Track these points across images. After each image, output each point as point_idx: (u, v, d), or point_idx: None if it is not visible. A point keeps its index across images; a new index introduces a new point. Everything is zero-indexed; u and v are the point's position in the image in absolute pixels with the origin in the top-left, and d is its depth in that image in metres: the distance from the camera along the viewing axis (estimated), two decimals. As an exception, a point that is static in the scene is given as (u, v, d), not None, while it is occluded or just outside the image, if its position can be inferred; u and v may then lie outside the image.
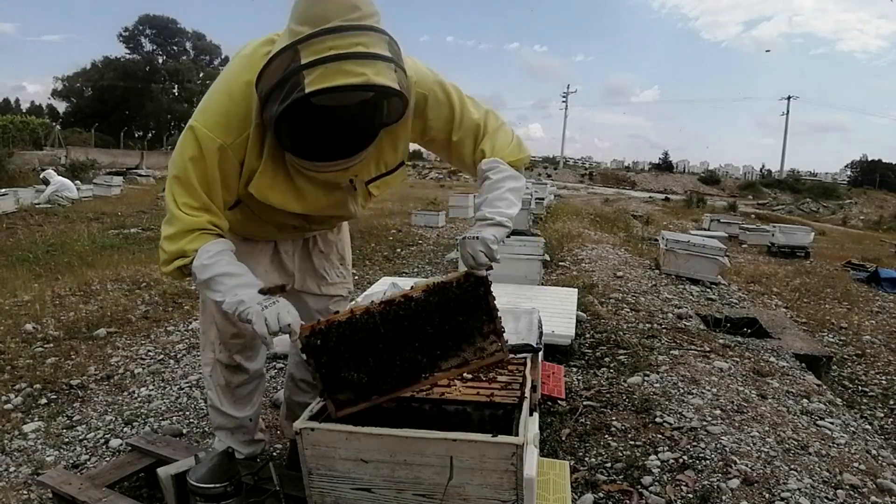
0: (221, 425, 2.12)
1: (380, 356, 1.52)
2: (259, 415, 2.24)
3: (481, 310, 1.55)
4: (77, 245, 7.86)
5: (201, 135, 1.53)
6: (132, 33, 53.83)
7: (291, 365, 2.27)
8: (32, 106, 54.48)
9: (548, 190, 16.31)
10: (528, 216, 6.02)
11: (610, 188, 37.01)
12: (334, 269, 2.14)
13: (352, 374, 1.51)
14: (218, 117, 1.53)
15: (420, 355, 1.54)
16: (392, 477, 1.45)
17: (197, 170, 1.55)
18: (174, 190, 1.58)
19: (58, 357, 3.57)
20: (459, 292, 1.53)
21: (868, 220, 28.14)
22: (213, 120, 1.53)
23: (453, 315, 1.54)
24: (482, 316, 1.55)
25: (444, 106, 1.70)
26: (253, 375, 2.10)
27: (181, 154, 1.56)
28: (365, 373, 1.52)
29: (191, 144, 1.54)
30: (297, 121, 1.41)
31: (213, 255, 1.53)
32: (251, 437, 2.17)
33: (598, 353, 3.75)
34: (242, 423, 2.11)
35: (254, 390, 2.13)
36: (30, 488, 2.24)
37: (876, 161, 55.93)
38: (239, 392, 2.08)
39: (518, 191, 1.67)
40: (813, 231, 12.71)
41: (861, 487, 2.29)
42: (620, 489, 2.23)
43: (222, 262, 1.52)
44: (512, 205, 1.63)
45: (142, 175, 22.50)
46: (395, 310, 1.52)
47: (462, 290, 1.54)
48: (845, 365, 4.89)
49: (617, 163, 66.52)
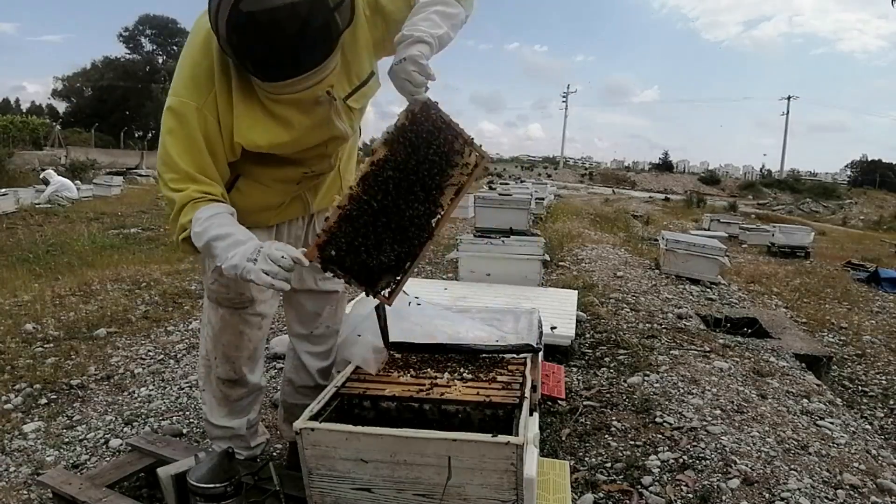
0: (217, 436, 2.09)
1: (389, 227, 1.55)
2: (258, 419, 2.22)
3: (442, 129, 1.56)
4: (77, 245, 7.87)
5: (176, 105, 1.53)
6: (132, 33, 53.82)
7: (289, 370, 2.23)
8: (32, 106, 54.49)
9: (548, 190, 16.30)
10: (528, 216, 6.02)
11: (610, 188, 37.02)
12: None
13: (380, 259, 1.54)
14: (186, 81, 1.54)
15: (421, 204, 1.57)
16: (392, 477, 1.45)
17: (176, 142, 1.54)
18: (161, 171, 1.59)
19: (58, 357, 3.57)
20: (416, 127, 1.53)
21: (868, 220, 28.16)
22: (181, 85, 1.54)
23: (425, 151, 1.55)
24: (447, 135, 1.57)
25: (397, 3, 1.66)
26: (251, 389, 2.07)
27: (162, 135, 1.57)
28: (389, 249, 1.55)
29: (168, 120, 1.55)
30: (247, 35, 1.39)
31: (204, 221, 1.50)
32: (248, 444, 2.14)
33: (598, 353, 3.75)
34: (239, 431, 2.08)
35: (253, 401, 2.11)
36: (30, 488, 2.24)
37: (876, 161, 55.97)
38: (237, 405, 2.05)
39: (447, 16, 1.58)
40: (813, 231, 12.72)
41: (861, 487, 2.29)
42: (620, 489, 2.23)
43: (213, 225, 1.49)
44: (435, 25, 1.54)
45: (142, 175, 22.51)
46: (374, 180, 1.52)
47: (417, 123, 1.53)
48: (845, 365, 4.89)
49: (617, 163, 66.56)
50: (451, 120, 1.57)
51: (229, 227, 1.51)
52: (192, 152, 1.55)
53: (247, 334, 1.95)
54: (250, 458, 2.14)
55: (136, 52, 54.06)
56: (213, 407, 2.04)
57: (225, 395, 2.01)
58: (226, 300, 1.88)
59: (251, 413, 2.12)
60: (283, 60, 1.45)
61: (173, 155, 1.54)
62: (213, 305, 1.92)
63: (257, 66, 1.46)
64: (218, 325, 1.93)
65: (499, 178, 22.07)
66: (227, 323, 1.91)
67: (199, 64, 1.53)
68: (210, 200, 1.55)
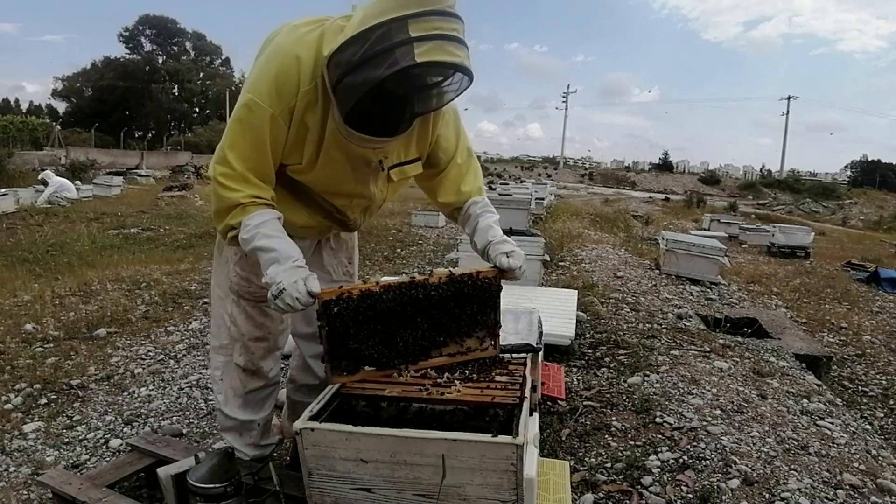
0: (228, 427, 2.10)
1: (387, 332, 1.62)
2: (271, 419, 2.22)
3: (490, 306, 1.70)
4: (77, 245, 7.86)
5: (252, 105, 1.60)
6: (132, 33, 53.91)
7: (294, 368, 2.27)
8: (32, 106, 54.51)
9: (548, 190, 16.32)
10: (528, 216, 6.04)
11: (610, 188, 37.01)
12: (342, 266, 2.16)
13: (358, 345, 1.60)
14: (269, 87, 1.59)
15: (424, 338, 1.66)
16: (392, 477, 1.45)
17: (240, 140, 1.62)
18: (216, 161, 1.66)
19: (58, 357, 3.57)
20: (478, 285, 1.68)
21: (868, 220, 28.16)
22: (265, 90, 1.59)
23: (465, 306, 1.67)
24: (490, 312, 1.71)
25: (451, 128, 1.87)
26: (270, 382, 2.10)
27: (230, 122, 1.64)
28: (370, 345, 1.61)
29: (241, 111, 1.62)
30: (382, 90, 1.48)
31: (252, 229, 1.61)
32: (257, 441, 2.15)
33: (598, 353, 3.75)
34: (250, 426, 2.09)
35: (267, 396, 2.13)
36: (30, 488, 2.24)
37: (876, 161, 56.00)
38: (251, 397, 2.07)
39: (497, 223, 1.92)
40: (813, 231, 12.72)
41: (861, 487, 2.29)
42: (620, 489, 2.23)
43: (259, 235, 1.60)
44: None
45: (142, 175, 22.50)
46: (414, 291, 1.62)
47: (482, 283, 1.68)
48: (845, 365, 4.89)
49: (617, 163, 66.61)
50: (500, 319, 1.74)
51: (273, 238, 1.60)
52: (254, 154, 1.63)
53: (267, 327, 2.01)
54: (259, 457, 2.13)
55: (136, 53, 54.16)
56: (228, 397, 2.06)
57: (242, 383, 2.04)
58: (247, 293, 1.94)
59: (264, 410, 2.13)
60: (374, 121, 1.58)
61: (233, 153, 1.62)
62: (235, 298, 1.96)
63: (352, 113, 1.54)
64: (240, 318, 1.97)
65: (499, 178, 22.09)
66: (248, 315, 1.96)
67: (287, 75, 1.58)
68: (260, 205, 1.64)
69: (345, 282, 2.17)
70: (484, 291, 1.69)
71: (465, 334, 1.70)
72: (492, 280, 1.70)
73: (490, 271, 1.71)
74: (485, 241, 1.81)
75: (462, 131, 1.92)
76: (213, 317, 2.08)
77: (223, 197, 1.64)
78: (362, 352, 1.62)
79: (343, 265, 2.17)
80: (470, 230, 1.89)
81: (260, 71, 1.63)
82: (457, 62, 1.45)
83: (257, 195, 1.64)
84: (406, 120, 1.64)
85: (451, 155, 1.89)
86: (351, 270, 2.21)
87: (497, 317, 1.72)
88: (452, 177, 1.92)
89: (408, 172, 1.85)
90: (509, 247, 1.75)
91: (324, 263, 2.10)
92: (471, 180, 1.94)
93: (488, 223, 1.86)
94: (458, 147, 1.90)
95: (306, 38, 1.59)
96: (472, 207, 1.91)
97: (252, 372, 2.03)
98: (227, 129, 1.67)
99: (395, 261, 7.52)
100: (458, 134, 1.90)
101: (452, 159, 1.90)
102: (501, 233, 1.84)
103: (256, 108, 1.59)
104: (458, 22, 1.47)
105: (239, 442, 2.08)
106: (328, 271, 2.11)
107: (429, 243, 8.98)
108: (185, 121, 56.83)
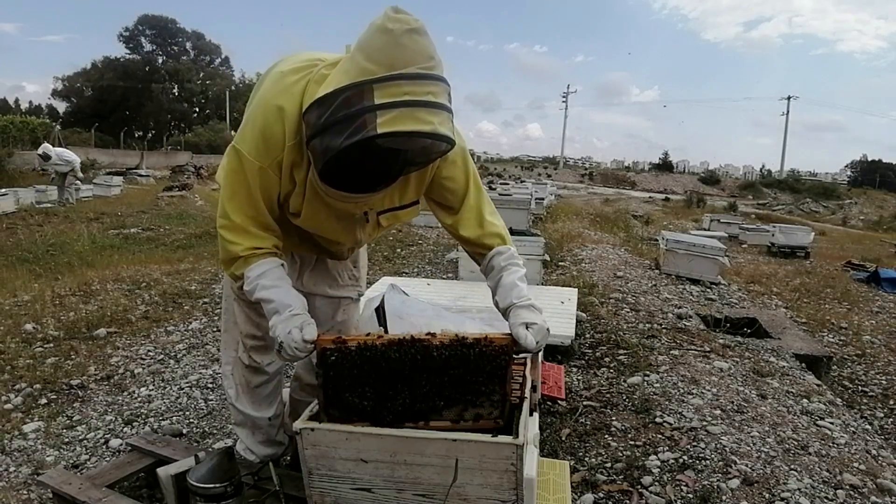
0: (240, 422, 2.13)
1: (384, 389, 1.50)
2: (281, 418, 2.23)
3: (497, 379, 1.51)
4: (77, 245, 7.86)
5: (243, 157, 1.59)
6: (132, 33, 53.90)
7: (299, 366, 2.28)
8: (31, 106, 54.48)
9: (548, 190, 16.32)
10: (527, 216, 6.05)
11: (610, 188, 37.02)
12: (347, 270, 2.15)
13: (353, 398, 1.51)
14: (256, 142, 1.58)
15: (423, 401, 1.50)
16: (392, 477, 1.45)
17: (234, 193, 1.61)
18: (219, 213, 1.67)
19: (58, 357, 3.57)
20: (486, 353, 1.50)
21: (868, 220, 28.15)
22: (252, 144, 1.58)
23: (470, 374, 1.50)
24: (496, 386, 1.51)
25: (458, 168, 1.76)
26: (272, 375, 2.11)
27: (224, 173, 1.64)
28: (365, 400, 1.51)
29: (232, 160, 1.61)
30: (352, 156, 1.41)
31: (252, 280, 1.62)
32: (268, 438, 2.16)
33: (598, 353, 3.75)
34: (260, 422, 2.11)
35: (273, 391, 2.14)
36: (30, 488, 2.24)
37: (876, 161, 56.03)
38: (259, 392, 2.08)
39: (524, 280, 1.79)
40: (813, 231, 12.72)
41: (861, 487, 2.29)
42: (620, 489, 2.23)
43: (258, 287, 1.62)
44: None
45: (142, 175, 22.48)
46: (416, 350, 1.49)
47: (490, 352, 1.50)
48: (845, 365, 4.88)
49: (617, 163, 66.62)
50: (510, 375, 1.54)
51: (272, 289, 1.60)
52: (249, 205, 1.62)
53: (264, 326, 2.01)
54: (270, 456, 2.13)
55: (135, 53, 54.15)
56: (238, 393, 2.09)
57: (248, 380, 2.06)
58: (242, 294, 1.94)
59: (273, 406, 2.14)
60: (352, 179, 1.51)
61: (231, 205, 1.63)
62: (235, 297, 1.99)
63: (326, 171, 1.49)
64: (240, 317, 1.99)
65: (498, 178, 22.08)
66: (246, 315, 1.98)
67: (271, 127, 1.55)
68: (260, 255, 1.64)
69: (350, 286, 2.16)
70: (491, 361, 1.49)
71: (470, 403, 1.51)
72: (502, 349, 1.50)
73: (503, 339, 1.51)
74: (507, 303, 1.65)
75: (471, 169, 1.80)
76: (224, 314, 2.11)
77: (225, 249, 1.65)
78: (356, 405, 1.52)
79: (349, 269, 2.16)
80: (493, 284, 1.74)
81: (247, 122, 1.62)
82: (426, 130, 1.33)
83: (257, 246, 1.64)
84: (389, 177, 1.55)
85: (461, 197, 1.79)
86: (357, 275, 2.20)
87: (505, 391, 1.51)
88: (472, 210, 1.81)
89: (401, 218, 1.82)
90: (533, 316, 1.57)
91: (329, 268, 2.10)
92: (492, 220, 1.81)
93: (513, 280, 1.69)
94: (468, 187, 1.79)
95: (292, 89, 1.53)
96: (495, 258, 1.76)
97: (254, 369, 2.04)
98: (223, 178, 1.66)
99: (394, 261, 7.51)
100: (466, 173, 1.78)
101: (464, 201, 1.79)
102: (527, 292, 1.67)
103: (246, 161, 1.57)
104: (435, 84, 1.37)
105: (250, 439, 2.10)
106: (334, 276, 2.11)
107: (429, 243, 8.97)
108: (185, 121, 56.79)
